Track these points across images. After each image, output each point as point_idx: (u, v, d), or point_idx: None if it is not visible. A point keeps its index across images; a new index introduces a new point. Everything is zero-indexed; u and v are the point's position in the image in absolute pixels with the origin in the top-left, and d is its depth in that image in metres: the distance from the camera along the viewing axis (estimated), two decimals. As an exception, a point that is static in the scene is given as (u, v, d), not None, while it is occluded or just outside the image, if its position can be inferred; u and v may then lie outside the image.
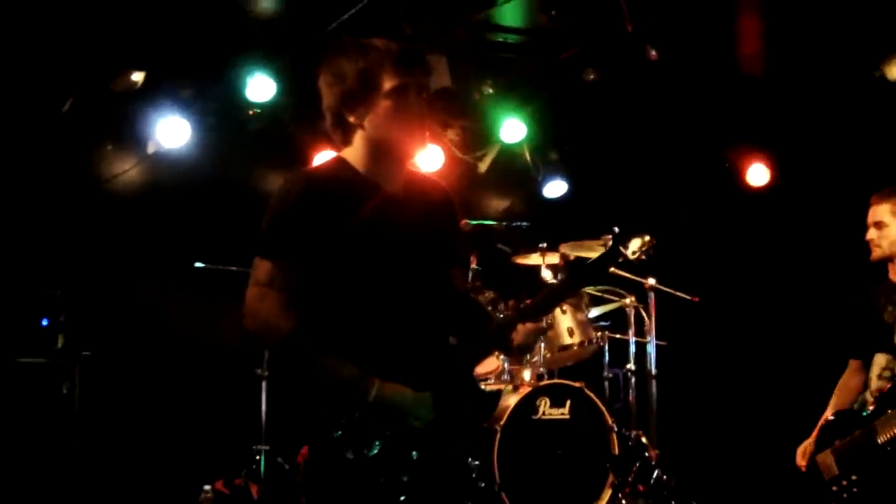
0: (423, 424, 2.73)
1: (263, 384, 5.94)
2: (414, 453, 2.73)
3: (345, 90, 2.82)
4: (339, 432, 2.69)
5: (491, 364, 5.77)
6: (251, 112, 6.41)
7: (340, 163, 2.91)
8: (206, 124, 6.38)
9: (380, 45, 2.84)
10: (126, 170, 6.43)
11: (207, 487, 5.45)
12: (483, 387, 5.79)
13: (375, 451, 2.69)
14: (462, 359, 2.91)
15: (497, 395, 3.15)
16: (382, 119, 2.82)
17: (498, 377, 5.81)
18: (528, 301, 2.96)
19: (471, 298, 3.23)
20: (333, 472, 2.71)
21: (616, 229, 2.87)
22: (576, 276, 2.92)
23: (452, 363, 2.87)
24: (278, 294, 2.73)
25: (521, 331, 2.91)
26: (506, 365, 5.78)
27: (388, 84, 2.81)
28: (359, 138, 2.88)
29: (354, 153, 2.90)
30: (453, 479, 2.84)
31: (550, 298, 2.96)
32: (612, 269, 2.89)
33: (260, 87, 6.09)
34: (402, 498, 2.70)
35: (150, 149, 6.29)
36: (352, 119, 2.85)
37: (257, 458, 5.82)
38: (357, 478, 2.68)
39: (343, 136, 2.89)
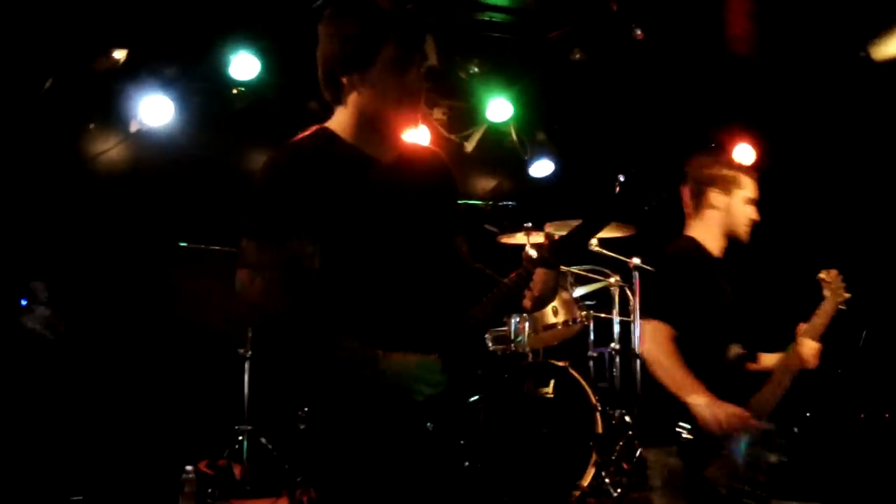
0: (432, 391, 2.59)
1: (246, 364, 5.94)
2: (429, 424, 2.61)
3: (342, 49, 2.68)
4: (347, 409, 2.59)
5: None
6: (235, 90, 6.38)
7: (325, 132, 2.77)
8: (189, 103, 6.35)
9: (388, 8, 2.67)
10: (109, 148, 6.40)
11: (190, 468, 5.43)
12: (496, 350, 5.62)
13: (388, 425, 2.58)
14: (471, 321, 2.74)
15: (515, 357, 2.91)
16: (375, 89, 2.69)
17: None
18: (546, 243, 2.74)
19: (475, 266, 2.97)
20: (344, 449, 2.59)
21: (622, 177, 2.75)
22: (594, 218, 2.71)
23: (459, 326, 2.72)
24: (268, 274, 2.60)
25: (539, 279, 2.74)
26: (491, 346, 5.77)
27: (387, 54, 2.66)
28: (348, 105, 2.74)
29: (341, 121, 2.76)
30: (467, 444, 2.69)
31: (576, 239, 2.73)
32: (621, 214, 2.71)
33: (244, 66, 6.08)
34: (419, 470, 2.59)
35: (134, 127, 6.26)
36: (343, 80, 2.70)
37: (240, 438, 5.82)
38: (371, 452, 2.57)
39: (332, 95, 2.76)
